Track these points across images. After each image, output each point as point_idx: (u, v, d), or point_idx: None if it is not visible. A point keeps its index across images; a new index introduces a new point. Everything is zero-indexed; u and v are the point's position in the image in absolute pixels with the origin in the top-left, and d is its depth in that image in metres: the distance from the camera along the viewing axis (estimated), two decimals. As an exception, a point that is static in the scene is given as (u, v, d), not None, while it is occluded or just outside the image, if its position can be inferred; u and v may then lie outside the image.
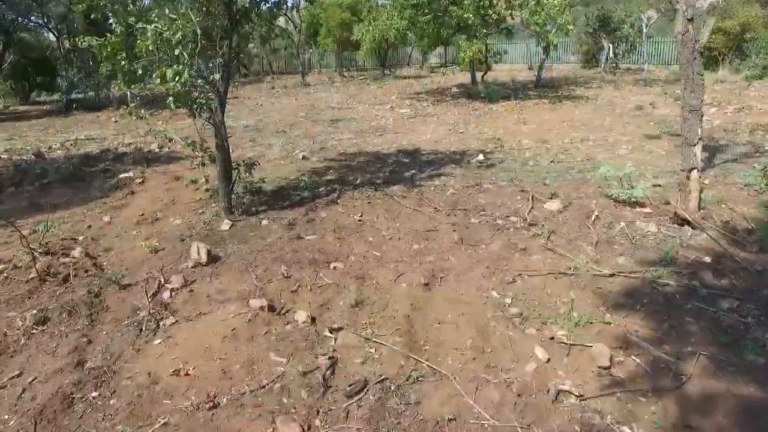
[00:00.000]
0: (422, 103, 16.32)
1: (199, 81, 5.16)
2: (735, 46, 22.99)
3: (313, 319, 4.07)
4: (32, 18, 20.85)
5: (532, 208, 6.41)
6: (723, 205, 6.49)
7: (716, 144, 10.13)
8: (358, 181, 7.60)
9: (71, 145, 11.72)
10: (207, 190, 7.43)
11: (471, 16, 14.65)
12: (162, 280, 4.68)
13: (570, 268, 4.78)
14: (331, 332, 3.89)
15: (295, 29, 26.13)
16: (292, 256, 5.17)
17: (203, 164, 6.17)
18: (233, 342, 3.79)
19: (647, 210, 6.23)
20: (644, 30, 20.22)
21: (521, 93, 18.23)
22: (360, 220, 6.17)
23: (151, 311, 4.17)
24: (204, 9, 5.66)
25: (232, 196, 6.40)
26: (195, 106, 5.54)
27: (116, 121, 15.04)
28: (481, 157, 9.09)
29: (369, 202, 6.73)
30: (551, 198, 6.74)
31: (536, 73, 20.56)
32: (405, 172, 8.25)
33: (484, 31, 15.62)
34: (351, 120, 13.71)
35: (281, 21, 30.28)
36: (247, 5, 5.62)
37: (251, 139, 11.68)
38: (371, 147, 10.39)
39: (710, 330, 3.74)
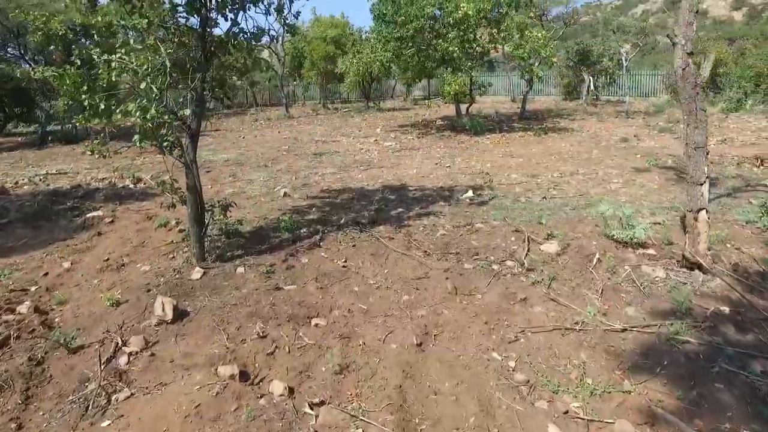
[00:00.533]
0: (407, 136, 16.00)
1: (167, 117, 4.65)
2: (709, 79, 23.26)
3: (291, 391, 3.50)
4: (9, 49, 20.33)
5: (529, 250, 5.95)
6: (728, 245, 6.12)
7: (711, 179, 9.85)
8: (342, 221, 7.09)
9: (40, 179, 11.08)
10: (181, 230, 6.86)
11: (456, 49, 14.47)
12: (120, 341, 4.08)
13: (577, 323, 4.29)
14: (311, 408, 3.33)
15: (279, 61, 25.94)
16: (270, 311, 4.60)
17: (173, 206, 5.62)
18: (197, 422, 3.20)
19: (651, 251, 5.81)
20: (624, 63, 20.34)
21: (506, 125, 18.06)
22: (344, 266, 5.64)
23: (103, 383, 3.57)
24: (176, 40, 5.21)
25: (206, 240, 5.84)
26: (164, 144, 5.04)
27: (91, 154, 14.42)
28: (470, 193, 8.67)
29: (354, 245, 6.21)
30: (548, 239, 6.30)
31: (520, 105, 20.49)
32: (391, 211, 7.78)
33: (469, 63, 15.45)
34: (335, 154, 13.29)
35: (265, 53, 30.16)
36: (222, 36, 5.18)
37: (231, 174, 11.16)
38: (356, 182, 9.93)
39: (746, 400, 3.26)
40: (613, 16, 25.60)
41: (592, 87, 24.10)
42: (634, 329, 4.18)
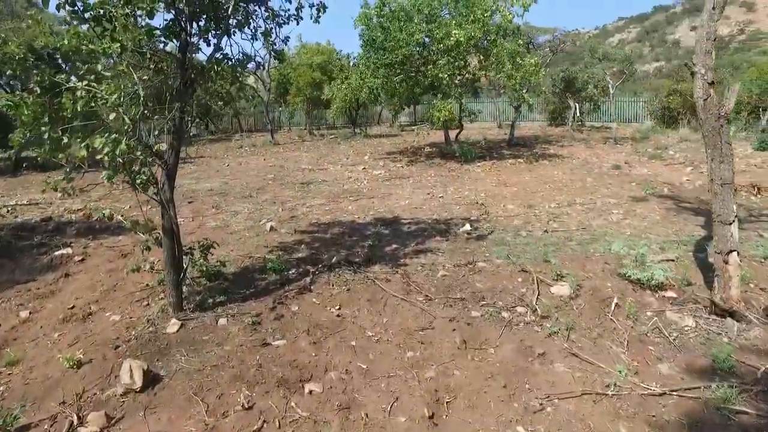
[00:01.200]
0: (396, 164, 15.53)
1: (140, 152, 4.07)
2: (691, 106, 23.41)
3: (282, 485, 2.88)
4: (-17, 74, 19.57)
5: (539, 294, 5.42)
6: (751, 285, 5.65)
7: (709, 209, 9.50)
8: (333, 260, 6.50)
9: (8, 211, 10.30)
10: (158, 271, 6.19)
11: (446, 75, 14.13)
12: (76, 418, 3.42)
13: (608, 386, 3.74)
14: None
15: (265, 88, 25.50)
16: (256, 373, 3.97)
17: (148, 248, 4.98)
18: None
19: (671, 294, 5.32)
20: (611, 91, 20.29)
21: (495, 152, 17.73)
22: (339, 315, 5.04)
23: (51, 478, 2.90)
24: (152, 66, 4.66)
25: (185, 285, 5.20)
26: (137, 181, 4.44)
27: (55, 191, 13.67)
28: (467, 227, 8.15)
29: (348, 289, 5.61)
30: (558, 279, 5.78)
31: (507, 132, 20.24)
32: (386, 247, 7.21)
33: (459, 90, 15.13)
34: (323, 183, 12.73)
35: (251, 80, 29.73)
36: (204, 62, 4.64)
37: (215, 205, 10.51)
38: (346, 215, 9.37)
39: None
40: (597, 44, 25.73)
41: (577, 113, 24.07)
42: (675, 393, 3.63)
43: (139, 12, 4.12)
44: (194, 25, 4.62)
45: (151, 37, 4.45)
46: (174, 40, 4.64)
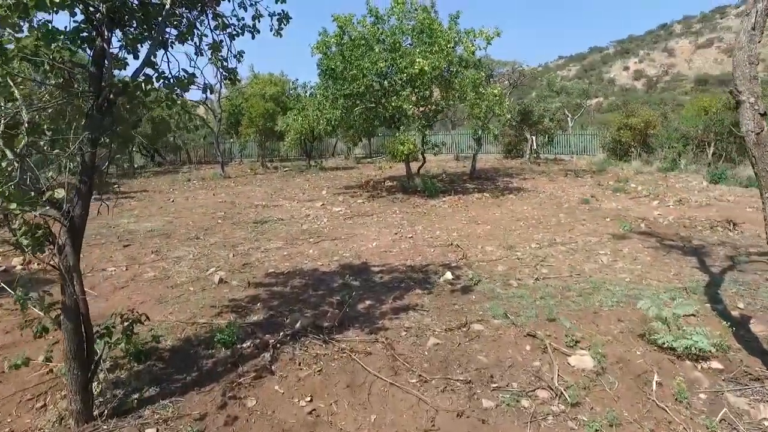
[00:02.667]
0: (357, 200, 14.37)
1: (23, 204, 2.74)
2: (641, 140, 23.66)
3: None
4: None
5: (558, 369, 4.31)
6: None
7: (695, 246, 8.83)
8: (298, 325, 5.20)
9: None
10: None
11: (409, 106, 13.24)
12: None
13: None
14: None
15: (215, 118, 23.99)
16: None
17: (45, 330, 3.56)
18: None
19: (716, 365, 4.32)
20: (570, 123, 20.07)
21: (458, 186, 16.91)
22: (311, 412, 3.74)
23: None
24: (56, 80, 3.35)
25: (97, 380, 3.77)
26: (26, 243, 3.07)
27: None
28: (448, 275, 7.04)
29: (320, 370, 4.32)
30: (572, 346, 4.71)
31: (465, 164, 19.58)
32: (359, 304, 5.97)
33: (423, 122, 14.26)
34: (278, 222, 11.38)
35: (200, 110, 28.11)
36: (128, 79, 3.36)
37: (155, 249, 8.98)
38: (308, 261, 8.07)
39: None
40: (554, 78, 25.85)
41: (534, 146, 23.84)
42: None
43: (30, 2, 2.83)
44: (114, 30, 3.36)
45: (51, 41, 3.16)
46: (85, 48, 3.36)
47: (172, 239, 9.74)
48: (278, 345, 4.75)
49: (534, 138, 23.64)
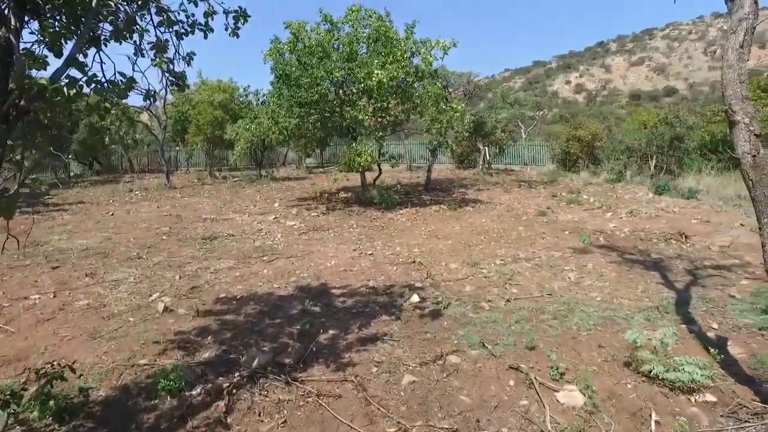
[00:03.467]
0: (312, 213, 13.72)
1: None
2: (589, 151, 24.20)
3: None
4: None
5: (548, 409, 3.90)
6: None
7: (655, 260, 8.78)
8: (255, 363, 4.57)
9: None
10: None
11: (366, 117, 12.77)
12: None
13: None
14: None
15: (160, 125, 22.71)
16: None
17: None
18: None
19: (710, 397, 4.04)
20: (523, 135, 20.19)
21: (415, 198, 16.55)
22: (275, 479, 3.16)
23: None
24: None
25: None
26: None
27: None
28: (415, 297, 6.57)
29: (284, 421, 3.72)
30: (558, 379, 4.33)
31: (423, 176, 19.31)
32: (322, 334, 5.40)
33: (380, 133, 13.80)
34: (229, 238, 10.59)
35: (144, 116, 26.62)
36: (46, 81, 2.70)
37: (90, 271, 8.05)
38: (262, 283, 7.41)
39: None
40: (508, 90, 26.11)
41: (487, 156, 23.92)
42: None
43: None
44: (28, 20, 2.70)
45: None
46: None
47: (110, 259, 8.81)
48: (234, 390, 4.11)
49: (487, 149, 23.72)
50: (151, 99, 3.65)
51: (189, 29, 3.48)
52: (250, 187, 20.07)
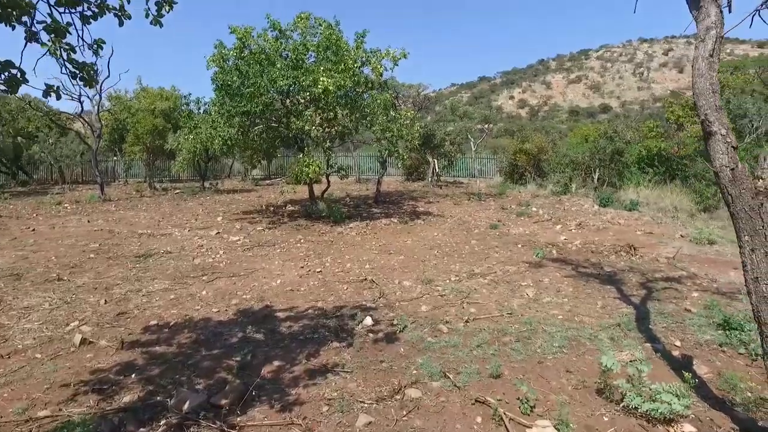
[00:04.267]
0: (257, 227, 12.94)
1: None
2: (535, 164, 24.53)
3: None
4: None
5: (520, 451, 3.46)
6: (746, 389, 4.33)
7: (609, 273, 8.65)
8: (186, 407, 3.90)
9: None
10: None
11: (313, 128, 12.20)
12: None
13: None
14: None
15: (94, 133, 21.19)
16: None
17: None
18: None
19: (689, 427, 3.71)
20: (473, 148, 20.13)
21: (364, 210, 16.06)
22: None
23: None
24: None
25: None
26: None
27: None
28: (368, 320, 6.05)
29: (216, 485, 3.11)
30: (529, 413, 3.91)
31: (373, 188, 18.88)
32: (265, 367, 4.78)
33: (327, 144, 13.24)
34: (166, 255, 9.71)
35: (76, 124, 24.87)
36: None
37: (-3, 296, 7.03)
38: (200, 307, 6.67)
39: None
40: (457, 103, 26.15)
41: (436, 169, 23.78)
42: None
43: None
44: None
45: None
46: None
47: (24, 282, 7.78)
48: (156, 443, 3.43)
49: (436, 161, 23.60)
50: (54, 95, 2.98)
51: (97, 11, 2.85)
52: (193, 200, 18.97)
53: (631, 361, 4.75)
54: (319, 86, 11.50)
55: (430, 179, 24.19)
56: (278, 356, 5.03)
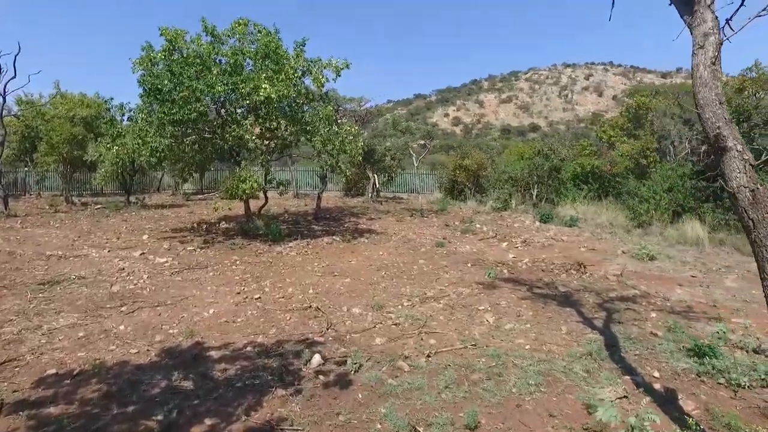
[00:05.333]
0: (187, 247, 11.72)
1: None
2: (475, 180, 24.56)
3: None
4: None
5: None
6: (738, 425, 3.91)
7: (564, 294, 8.29)
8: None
9: None
10: None
11: (252, 138, 11.25)
12: None
13: None
14: None
15: (-2, 141, 18.93)
16: None
17: None
18: None
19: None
20: (415, 164, 19.71)
21: (304, 228, 15.13)
22: None
23: None
24: None
25: None
26: None
27: None
28: (316, 359, 5.23)
29: None
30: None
31: (313, 204, 18.01)
32: (194, 427, 3.86)
33: (266, 157, 12.27)
34: (79, 281, 8.39)
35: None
36: None
37: None
38: (115, 347, 5.58)
39: None
40: (399, 118, 25.71)
41: (377, 184, 23.20)
42: None
43: None
44: None
45: None
46: None
47: None
48: None
49: (376, 176, 23.04)
50: None
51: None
52: (116, 216, 17.24)
53: (618, 399, 4.27)
54: (261, 94, 10.60)
55: (370, 195, 23.60)
56: (211, 412, 4.11)
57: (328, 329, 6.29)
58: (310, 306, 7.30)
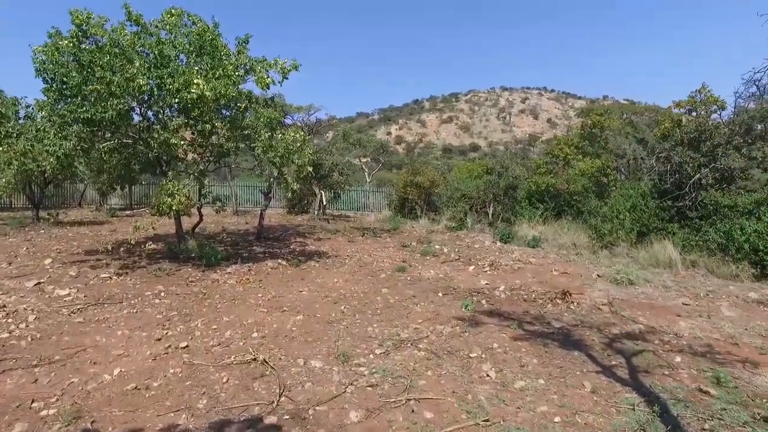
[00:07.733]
0: (100, 273, 9.50)
1: None
2: (426, 198, 23.38)
3: None
4: None
5: None
6: None
7: (563, 332, 6.93)
8: None
9: None
10: None
11: (183, 143, 9.31)
12: None
13: None
14: None
15: None
16: None
17: None
18: None
19: None
20: (367, 179, 18.18)
21: (244, 249, 13.15)
22: None
23: None
24: None
25: None
26: None
27: None
28: (269, 453, 3.49)
29: None
30: None
31: (257, 222, 16.03)
32: None
33: (200, 167, 10.30)
34: (-69, 326, 6.17)
35: None
36: None
37: None
38: (-52, 444, 3.61)
39: None
40: (350, 130, 24.13)
41: (324, 201, 21.43)
42: None
43: None
44: None
45: None
46: None
47: None
48: None
49: (323, 193, 21.30)
50: None
51: None
52: (18, 234, 14.48)
53: None
54: (193, 91, 8.73)
55: (316, 212, 21.81)
56: None
57: (281, 398, 4.53)
58: (255, 358, 5.50)
